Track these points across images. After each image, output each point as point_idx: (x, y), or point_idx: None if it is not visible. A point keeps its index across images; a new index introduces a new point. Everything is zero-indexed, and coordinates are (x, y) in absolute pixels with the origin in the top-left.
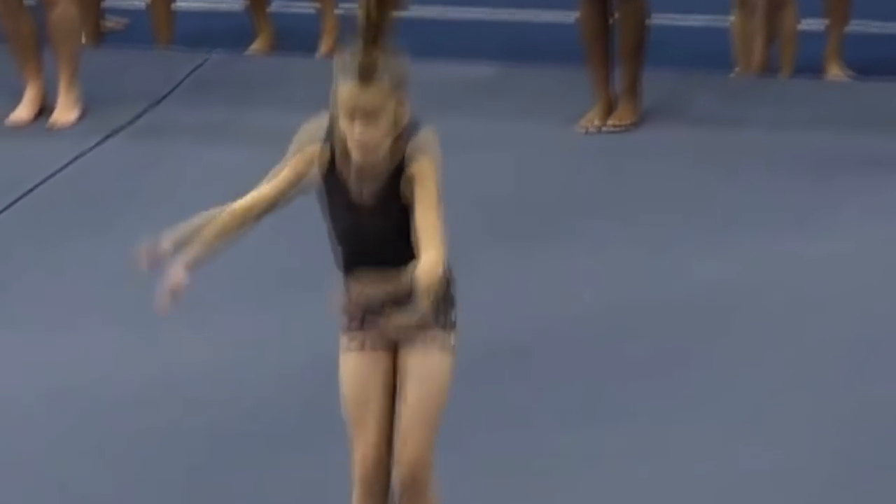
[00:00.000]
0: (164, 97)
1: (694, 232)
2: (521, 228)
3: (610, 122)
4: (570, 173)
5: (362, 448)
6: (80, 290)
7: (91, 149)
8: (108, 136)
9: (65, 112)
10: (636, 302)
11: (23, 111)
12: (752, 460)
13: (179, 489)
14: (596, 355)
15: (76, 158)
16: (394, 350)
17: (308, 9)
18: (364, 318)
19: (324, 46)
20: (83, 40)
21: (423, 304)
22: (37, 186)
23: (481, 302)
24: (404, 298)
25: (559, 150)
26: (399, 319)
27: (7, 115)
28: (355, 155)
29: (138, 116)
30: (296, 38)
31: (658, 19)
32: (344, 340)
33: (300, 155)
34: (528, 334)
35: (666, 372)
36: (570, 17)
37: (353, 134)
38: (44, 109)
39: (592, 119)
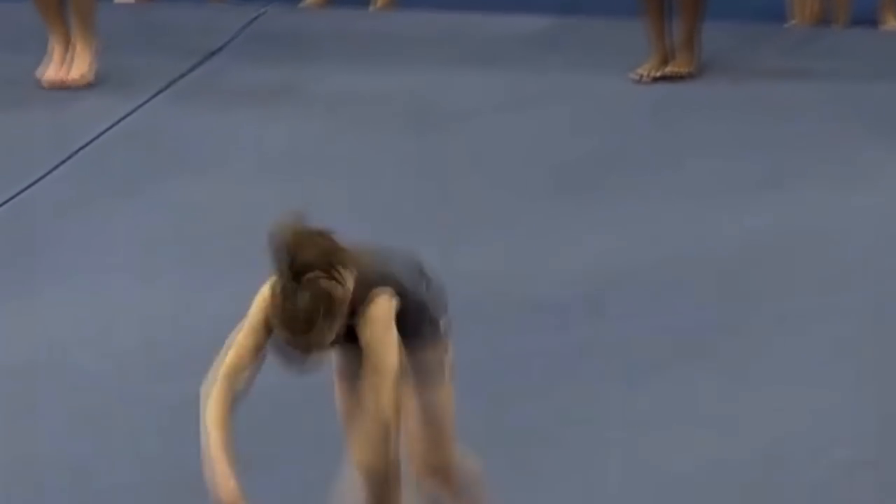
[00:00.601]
0: (219, 51)
1: (747, 184)
2: (575, 181)
3: (668, 68)
4: (625, 126)
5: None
6: (123, 249)
7: (144, 104)
8: (159, 91)
9: (78, 69)
10: (689, 255)
11: (51, 71)
12: (821, 415)
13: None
14: (647, 309)
15: (128, 115)
16: None
17: None
18: None
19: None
20: None
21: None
22: (88, 143)
23: (532, 255)
24: None
25: (615, 102)
26: None
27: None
28: None
29: (191, 70)
30: None
31: None
32: None
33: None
34: (581, 288)
35: (719, 329)
36: None
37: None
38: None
39: (646, 70)
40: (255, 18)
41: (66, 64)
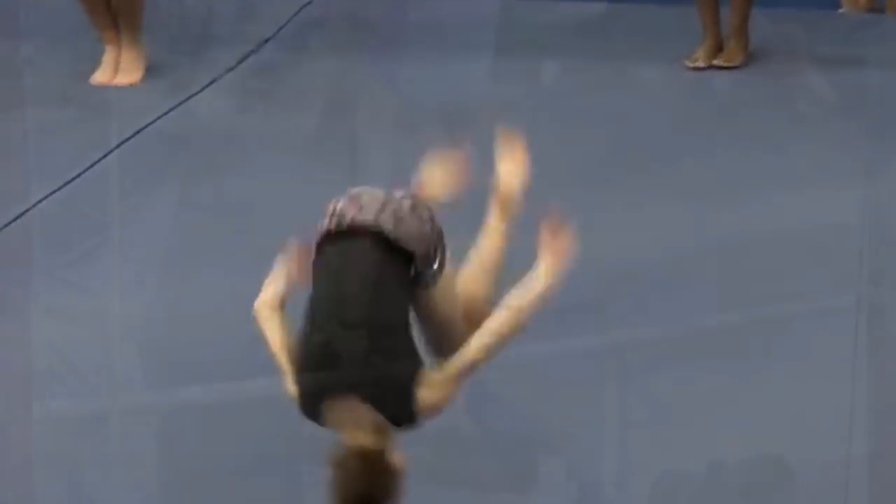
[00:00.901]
0: (269, 39)
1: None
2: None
3: (717, 61)
4: (676, 114)
5: None
6: (157, 248)
7: (192, 96)
8: (207, 84)
9: (126, 74)
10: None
11: (102, 74)
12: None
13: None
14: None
15: (172, 109)
16: None
17: None
18: None
19: None
20: None
21: None
22: (137, 133)
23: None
24: None
25: (666, 91)
26: None
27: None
28: None
29: (239, 62)
30: None
31: None
32: None
33: None
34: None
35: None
36: None
37: None
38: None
39: (699, 58)
40: (306, 5)
41: (117, 69)
